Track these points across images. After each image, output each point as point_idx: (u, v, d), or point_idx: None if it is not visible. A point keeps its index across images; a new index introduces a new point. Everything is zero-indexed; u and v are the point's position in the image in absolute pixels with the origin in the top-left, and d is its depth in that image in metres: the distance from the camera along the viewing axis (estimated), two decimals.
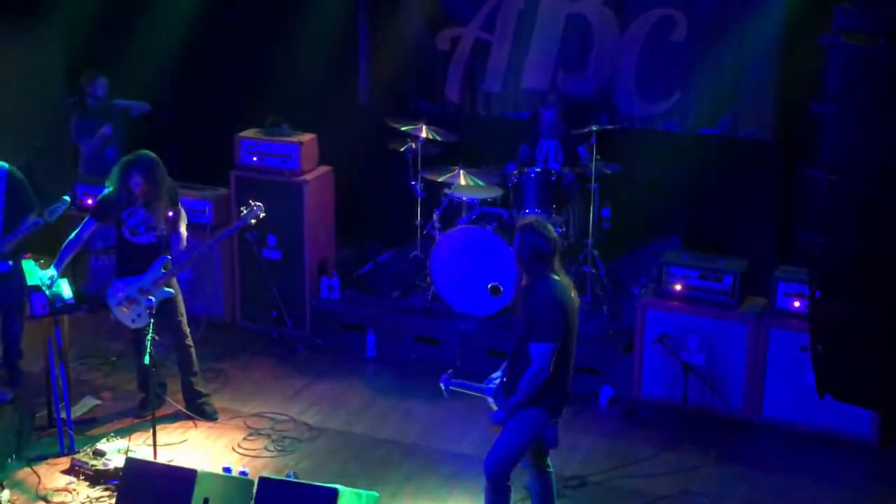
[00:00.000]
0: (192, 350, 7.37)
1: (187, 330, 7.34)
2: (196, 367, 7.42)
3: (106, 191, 7.17)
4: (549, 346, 5.51)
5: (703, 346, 7.44)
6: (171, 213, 7.10)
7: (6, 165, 7.21)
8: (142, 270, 7.10)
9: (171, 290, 7.16)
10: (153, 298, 6.74)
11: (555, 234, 5.69)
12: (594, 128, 8.09)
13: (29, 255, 7.33)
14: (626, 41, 8.65)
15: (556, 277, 5.63)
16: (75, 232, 7.20)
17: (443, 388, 5.74)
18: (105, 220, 7.19)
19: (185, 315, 7.32)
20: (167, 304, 7.14)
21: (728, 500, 6.57)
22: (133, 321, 7.12)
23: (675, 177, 8.62)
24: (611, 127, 8.44)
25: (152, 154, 7.06)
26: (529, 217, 6.88)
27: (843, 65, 4.68)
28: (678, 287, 7.55)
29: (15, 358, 7.40)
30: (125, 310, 7.14)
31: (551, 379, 5.57)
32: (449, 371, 5.78)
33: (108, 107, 9.12)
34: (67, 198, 7.13)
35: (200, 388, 7.46)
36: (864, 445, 7.10)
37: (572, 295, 5.70)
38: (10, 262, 7.17)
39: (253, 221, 7.30)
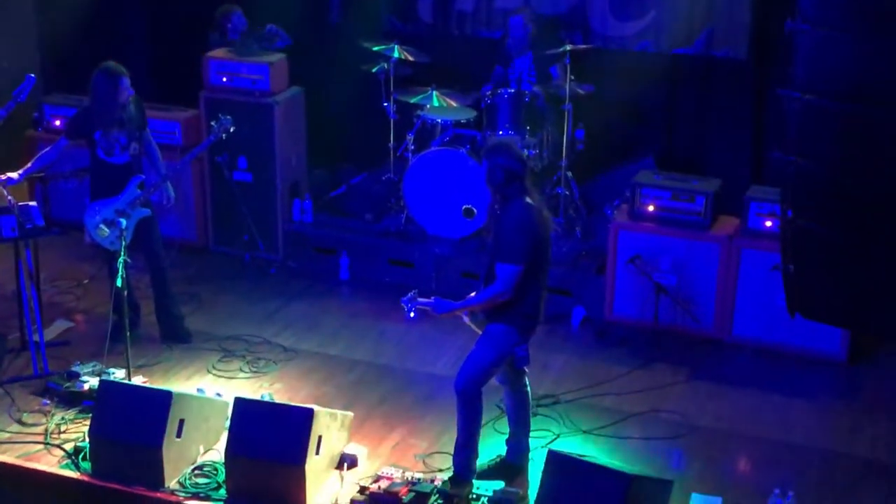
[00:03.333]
0: (167, 273, 7.35)
1: (163, 252, 7.31)
2: (170, 290, 7.40)
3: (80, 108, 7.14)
4: (514, 268, 5.52)
5: (675, 267, 7.48)
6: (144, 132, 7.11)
7: None
8: (117, 191, 7.06)
9: (148, 211, 7.12)
10: (124, 221, 6.70)
11: (522, 153, 5.65)
12: (568, 47, 8.02)
13: None
14: None
15: (528, 200, 5.62)
16: (48, 148, 7.17)
17: (405, 308, 5.74)
18: (77, 139, 7.11)
19: (161, 237, 7.29)
20: (143, 225, 7.11)
21: (699, 418, 6.67)
22: (112, 243, 7.05)
23: (649, 97, 8.59)
24: (584, 47, 8.36)
25: None
26: (494, 139, 6.80)
27: None
28: (651, 208, 7.57)
29: None
30: (103, 232, 7.09)
31: (522, 299, 5.60)
32: (412, 291, 5.77)
33: (258, 38, 8.71)
34: (32, 76, 7.11)
35: (174, 310, 7.45)
36: (834, 363, 7.20)
37: (545, 216, 5.70)
38: None
39: (224, 136, 7.23)
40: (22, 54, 9.47)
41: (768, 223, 7.24)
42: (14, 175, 7.00)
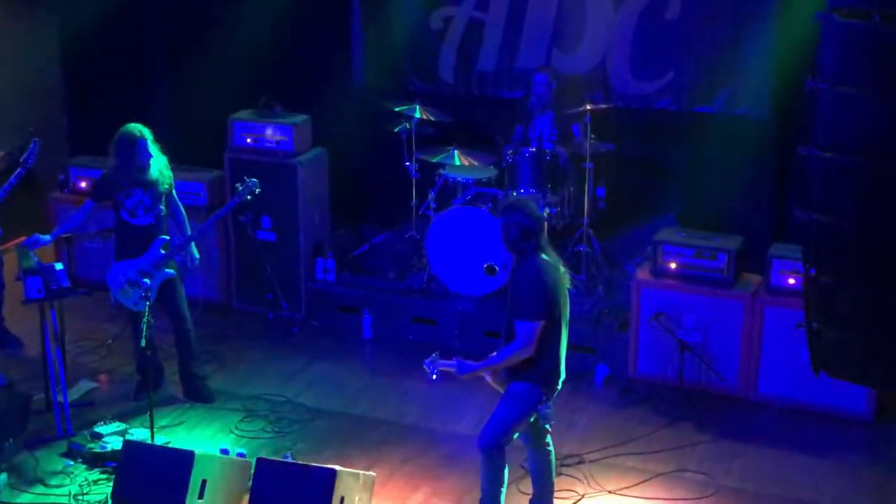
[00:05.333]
0: (191, 333, 7.37)
1: (187, 313, 7.33)
2: (194, 350, 7.42)
3: (104, 171, 7.24)
4: (532, 325, 5.53)
5: (698, 324, 7.45)
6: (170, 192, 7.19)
7: None
8: (141, 252, 7.11)
9: (172, 272, 7.16)
10: (148, 281, 6.74)
11: (538, 211, 5.69)
12: (588, 107, 8.08)
13: (23, 237, 7.34)
14: (621, 19, 8.60)
15: (543, 256, 5.65)
16: (75, 211, 7.29)
17: (428, 370, 5.74)
18: (103, 200, 7.20)
19: (185, 298, 7.32)
20: (167, 286, 7.15)
21: (725, 478, 6.60)
22: (135, 304, 7.09)
23: (670, 155, 8.62)
24: (605, 106, 8.42)
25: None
26: (511, 198, 6.87)
27: (837, 41, 4.66)
28: (673, 265, 7.56)
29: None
30: (126, 292, 7.13)
31: (543, 355, 5.60)
32: (434, 353, 5.78)
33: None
34: (37, 139, 7.39)
35: (198, 370, 7.47)
36: (860, 422, 7.13)
37: (561, 272, 5.71)
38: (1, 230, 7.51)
39: (249, 197, 7.28)
40: (49, 118, 9.59)
41: (791, 280, 7.22)
42: (44, 237, 7.09)
